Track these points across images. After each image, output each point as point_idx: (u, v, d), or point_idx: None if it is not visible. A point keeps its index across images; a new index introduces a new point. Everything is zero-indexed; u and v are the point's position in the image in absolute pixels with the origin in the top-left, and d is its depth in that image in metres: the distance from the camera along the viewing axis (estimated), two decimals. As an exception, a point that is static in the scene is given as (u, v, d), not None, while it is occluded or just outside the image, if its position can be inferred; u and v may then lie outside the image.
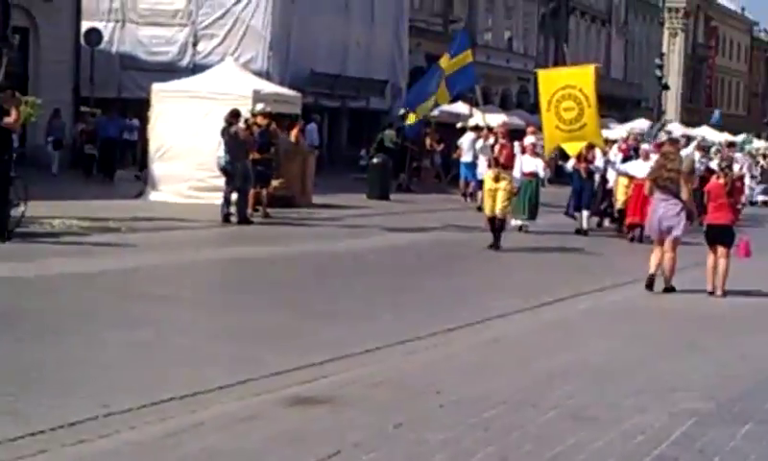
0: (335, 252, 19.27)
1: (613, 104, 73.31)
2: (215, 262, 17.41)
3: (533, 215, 24.41)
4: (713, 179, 16.76)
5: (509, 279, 17.47)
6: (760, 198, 40.55)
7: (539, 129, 24.73)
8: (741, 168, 31.39)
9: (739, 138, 54.46)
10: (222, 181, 22.95)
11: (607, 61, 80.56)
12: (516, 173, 22.02)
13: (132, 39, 41.47)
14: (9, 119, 17.18)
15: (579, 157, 24.67)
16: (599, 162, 25.08)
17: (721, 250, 15.45)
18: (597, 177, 25.25)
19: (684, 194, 15.58)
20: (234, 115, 22.51)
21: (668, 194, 15.57)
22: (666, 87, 72.69)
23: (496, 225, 20.06)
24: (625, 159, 25.41)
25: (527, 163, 23.99)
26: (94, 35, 37.79)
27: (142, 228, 20.50)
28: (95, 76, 37.42)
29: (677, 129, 54.23)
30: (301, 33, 42.06)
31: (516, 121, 42.02)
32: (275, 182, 25.05)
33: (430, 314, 12.94)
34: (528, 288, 15.70)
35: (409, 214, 27.23)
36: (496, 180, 20.05)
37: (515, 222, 23.63)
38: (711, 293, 15.35)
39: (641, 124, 52.30)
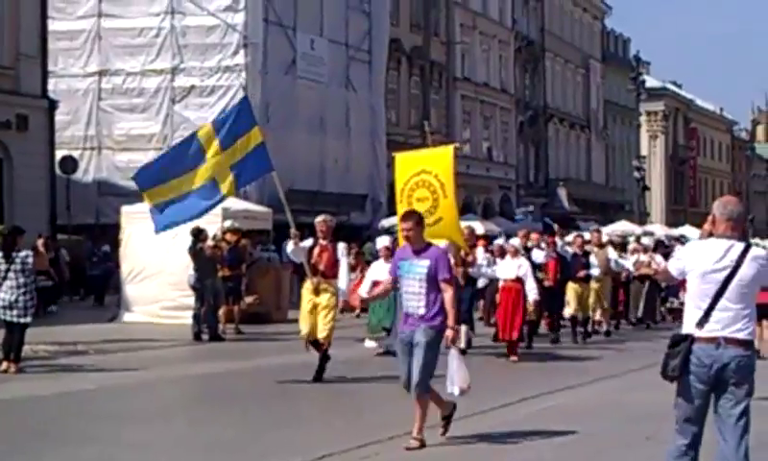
0: (300, 363, 19.07)
1: (596, 208, 73.82)
2: (178, 379, 17.28)
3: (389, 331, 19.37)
4: None
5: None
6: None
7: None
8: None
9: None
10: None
11: (588, 166, 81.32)
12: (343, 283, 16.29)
13: (108, 165, 41.83)
14: None
15: (455, 260, 18.35)
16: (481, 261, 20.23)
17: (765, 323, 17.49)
18: (481, 282, 20.95)
19: None
20: (198, 233, 22.49)
21: None
22: (646, 189, 73.06)
23: (320, 350, 16.20)
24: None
25: (382, 271, 18.55)
26: (69, 162, 37.94)
27: (111, 349, 20.39)
28: (72, 203, 37.55)
29: (658, 230, 54.39)
30: (277, 151, 41.77)
31: (495, 228, 42.31)
32: (248, 299, 25.03)
33: (381, 419, 12.63)
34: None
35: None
36: (316, 292, 15.71)
37: (369, 343, 20.29)
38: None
39: (624, 227, 52.48)
